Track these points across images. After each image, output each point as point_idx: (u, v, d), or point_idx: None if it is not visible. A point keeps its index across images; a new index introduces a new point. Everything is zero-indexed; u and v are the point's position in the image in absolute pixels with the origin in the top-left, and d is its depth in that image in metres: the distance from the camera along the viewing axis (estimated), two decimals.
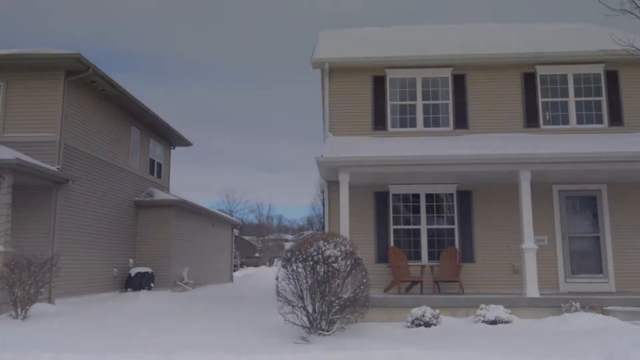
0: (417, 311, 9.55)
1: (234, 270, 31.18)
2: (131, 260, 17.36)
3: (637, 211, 12.47)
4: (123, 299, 14.79)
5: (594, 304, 10.14)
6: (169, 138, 21.44)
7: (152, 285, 16.81)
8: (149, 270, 17.01)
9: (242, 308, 13.27)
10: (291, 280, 8.84)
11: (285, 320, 8.68)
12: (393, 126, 13.18)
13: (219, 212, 26.33)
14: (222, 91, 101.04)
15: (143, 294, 15.38)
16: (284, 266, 8.98)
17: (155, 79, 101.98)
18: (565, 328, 8.78)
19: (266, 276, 27.94)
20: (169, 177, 22.02)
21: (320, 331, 8.62)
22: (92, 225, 15.10)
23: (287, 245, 43.35)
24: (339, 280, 8.65)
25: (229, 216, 29.81)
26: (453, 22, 17.14)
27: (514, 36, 14.59)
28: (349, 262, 8.84)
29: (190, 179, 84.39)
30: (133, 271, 16.81)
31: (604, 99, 12.92)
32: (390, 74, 13.30)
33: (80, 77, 13.80)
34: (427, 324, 9.36)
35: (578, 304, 9.88)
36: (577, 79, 13.07)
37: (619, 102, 12.87)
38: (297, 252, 8.88)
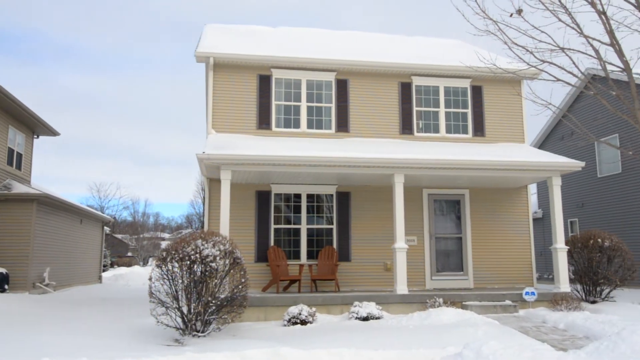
0: (294, 309, 9.67)
1: (104, 271, 29.27)
2: None
3: (493, 214, 13.80)
4: None
5: (455, 300, 11.02)
6: (32, 126, 19.52)
7: (6, 287, 15.16)
8: (2, 271, 15.32)
9: (110, 310, 12.46)
10: (166, 281, 8.50)
11: (158, 322, 8.31)
12: (277, 126, 13.24)
13: (88, 208, 24.51)
14: (100, 79, 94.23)
15: None
16: (158, 266, 8.60)
17: (26, 62, 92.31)
18: (430, 322, 9.42)
19: (139, 276, 26.60)
20: (30, 169, 20.05)
21: (195, 332, 8.38)
22: None
23: (164, 244, 41.61)
24: (216, 280, 8.49)
25: (99, 213, 27.91)
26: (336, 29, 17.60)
27: (394, 47, 15.43)
28: (227, 261, 8.71)
29: (56, 172, 77.68)
30: None
31: (469, 111, 14.11)
32: (276, 74, 13.34)
33: None
34: (304, 322, 9.51)
35: (441, 300, 10.67)
36: (447, 91, 14.13)
37: (482, 115, 14.14)
38: (174, 252, 8.56)
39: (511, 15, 8.41)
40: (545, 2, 8.21)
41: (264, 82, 13.27)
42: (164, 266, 8.52)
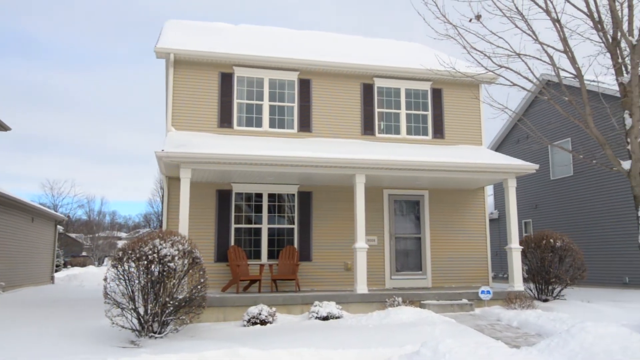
0: (253, 309, 9.60)
1: (56, 271, 28.31)
2: None
3: (451, 215, 14.08)
4: None
5: (413, 299, 11.19)
6: None
7: None
8: None
9: (63, 311, 12.06)
10: (122, 281, 8.28)
11: (113, 323, 8.10)
12: (239, 124, 13.12)
13: (40, 206, 23.65)
14: (56, 74, 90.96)
15: None
16: (114, 266, 8.38)
17: None
18: (389, 321, 9.53)
19: (94, 277, 25.86)
20: None
21: (152, 334, 8.21)
22: None
23: (120, 244, 40.59)
24: (175, 280, 8.34)
25: (52, 211, 26.97)
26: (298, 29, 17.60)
27: (357, 48, 15.54)
28: (186, 261, 8.57)
29: (7, 168, 74.61)
30: None
31: (429, 113, 14.36)
32: (238, 72, 13.22)
33: None
34: (263, 322, 9.46)
35: (400, 299, 10.82)
36: (409, 93, 14.33)
37: (442, 118, 14.42)
38: (130, 251, 8.36)
39: (470, 20, 8.62)
40: (503, 9, 8.45)
41: (226, 80, 13.13)
42: (120, 266, 8.31)
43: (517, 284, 11.96)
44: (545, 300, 12.47)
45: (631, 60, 7.81)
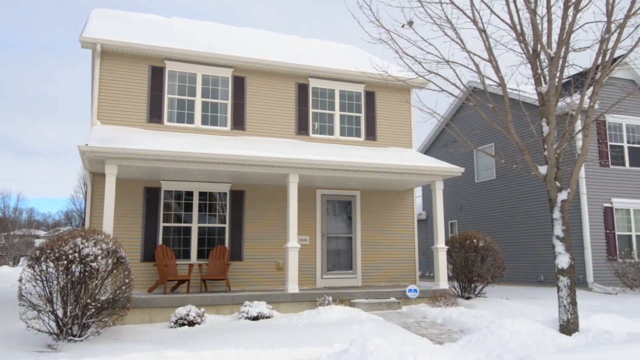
0: (181, 310, 9.36)
1: None
2: None
3: (381, 215, 14.40)
4: None
5: (344, 298, 11.33)
6: None
7: None
8: None
9: None
10: (39, 282, 7.81)
11: (29, 326, 7.62)
12: (170, 120, 12.75)
13: None
14: None
15: None
16: (31, 266, 7.89)
17: None
18: (319, 320, 9.60)
19: (9, 277, 24.22)
20: None
21: (71, 337, 7.81)
22: None
23: (38, 242, 38.30)
24: (97, 281, 7.98)
25: None
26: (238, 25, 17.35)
27: (293, 48, 15.53)
28: (110, 260, 8.22)
29: None
30: None
31: (362, 115, 14.61)
32: (170, 67, 12.85)
33: None
34: (192, 323, 9.25)
35: (331, 298, 10.93)
36: (343, 95, 14.51)
37: (374, 120, 14.71)
38: (49, 250, 7.90)
39: (403, 26, 8.83)
40: (434, 17, 8.73)
41: (157, 74, 12.72)
42: (37, 266, 7.83)
43: (442, 282, 12.41)
44: (468, 298, 13.03)
45: (549, 72, 8.30)
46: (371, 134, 14.59)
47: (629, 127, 17.49)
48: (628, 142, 17.43)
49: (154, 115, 12.57)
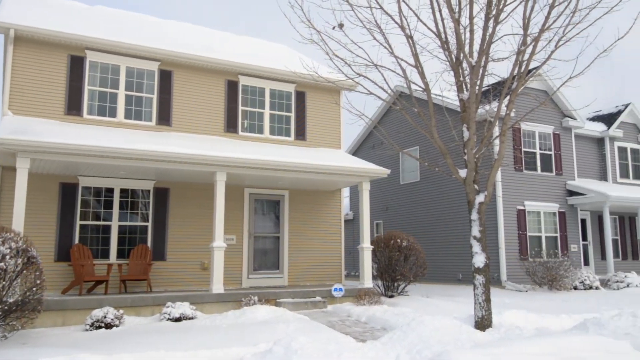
0: (98, 312, 8.93)
1: None
2: None
3: (309, 215, 14.47)
4: None
5: (270, 297, 11.28)
6: None
7: None
8: None
9: None
10: None
11: None
12: (90, 113, 12.13)
13: None
14: None
15: None
16: None
17: None
18: (244, 320, 9.50)
19: None
20: None
21: None
22: None
23: None
24: (4, 282, 7.44)
25: None
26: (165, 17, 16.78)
27: (224, 44, 15.22)
28: (20, 260, 7.71)
29: None
30: None
31: (292, 115, 14.61)
32: (91, 57, 12.23)
33: None
34: (109, 326, 8.85)
35: (256, 298, 10.84)
36: (273, 94, 14.45)
37: (304, 120, 14.76)
38: None
39: (334, 28, 8.94)
40: (364, 21, 8.90)
41: (76, 64, 12.06)
42: None
43: (367, 281, 12.67)
44: (392, 296, 13.39)
45: (470, 79, 8.70)
46: (301, 134, 14.63)
47: (541, 135, 18.70)
48: (540, 149, 18.63)
49: (73, 107, 11.91)
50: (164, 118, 12.88)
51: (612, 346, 6.06)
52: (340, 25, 8.85)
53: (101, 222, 12.02)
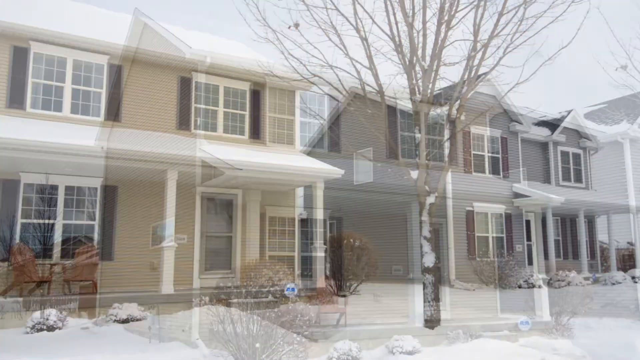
0: (39, 314, 8.57)
1: None
2: None
3: (262, 214, 14.36)
4: None
5: (221, 297, 11.11)
6: None
7: None
8: None
9: None
10: None
11: None
12: (34, 107, 11.63)
13: None
14: None
15: None
16: None
17: None
18: (195, 321, 9.32)
19: None
20: None
21: None
22: None
23: None
24: None
25: None
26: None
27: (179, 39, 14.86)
28: None
29: None
30: None
31: (247, 113, 14.47)
32: (35, 48, 11.71)
33: None
34: (51, 328, 8.50)
35: (207, 298, 10.67)
36: (228, 91, 14.25)
37: (259, 119, 14.63)
38: None
39: (289, 27, 8.94)
40: (319, 21, 8.94)
41: (20, 55, 11.53)
42: None
43: (320, 281, 12.70)
44: (344, 296, 13.46)
45: (422, 83, 8.89)
46: (256, 133, 14.51)
47: (490, 138, 19.29)
48: (489, 152, 19.21)
49: (15, 100, 11.37)
50: (114, 113, 12.48)
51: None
52: (296, 25, 8.86)
53: (45, 221, 11.52)
